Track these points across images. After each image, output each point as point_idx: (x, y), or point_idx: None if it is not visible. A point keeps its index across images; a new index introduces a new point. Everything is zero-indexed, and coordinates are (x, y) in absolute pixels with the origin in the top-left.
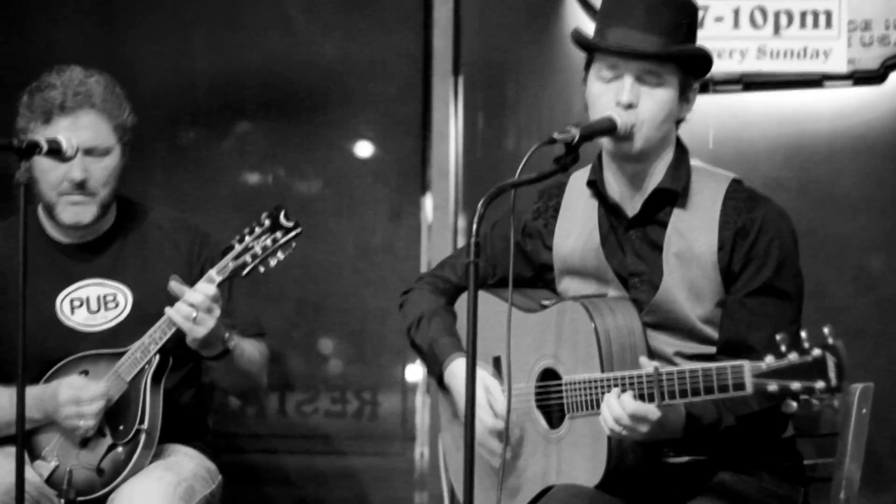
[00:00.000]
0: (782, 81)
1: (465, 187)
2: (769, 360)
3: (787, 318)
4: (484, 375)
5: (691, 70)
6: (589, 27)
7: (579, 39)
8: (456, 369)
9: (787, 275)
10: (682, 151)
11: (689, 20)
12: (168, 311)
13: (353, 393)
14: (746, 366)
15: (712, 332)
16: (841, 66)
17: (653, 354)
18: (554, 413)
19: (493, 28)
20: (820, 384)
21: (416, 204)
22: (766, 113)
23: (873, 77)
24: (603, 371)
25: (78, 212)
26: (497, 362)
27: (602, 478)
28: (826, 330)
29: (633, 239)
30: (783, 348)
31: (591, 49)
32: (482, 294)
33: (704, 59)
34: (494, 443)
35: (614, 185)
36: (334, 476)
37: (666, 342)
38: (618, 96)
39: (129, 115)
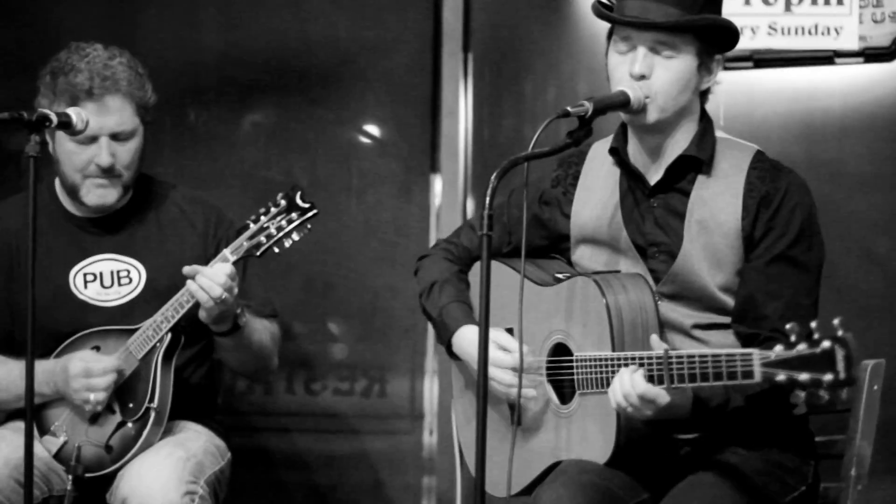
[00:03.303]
0: (793, 58)
1: (474, 166)
2: (778, 349)
3: (805, 289)
4: (498, 335)
5: (711, 40)
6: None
7: (598, 11)
8: (468, 334)
9: (806, 245)
10: (707, 122)
11: None
12: (190, 284)
13: (362, 371)
14: (756, 354)
15: (730, 301)
16: (852, 43)
17: (668, 328)
18: (565, 388)
19: (503, 5)
20: (828, 376)
21: (425, 182)
22: (777, 90)
23: (884, 54)
24: (614, 349)
25: (103, 194)
26: (510, 333)
27: (611, 455)
28: (836, 322)
29: (655, 207)
30: (793, 338)
31: (606, 20)
32: (495, 264)
33: (722, 29)
34: (511, 396)
35: (636, 154)
36: (343, 457)
37: (683, 314)
38: (630, 67)
39: (152, 94)
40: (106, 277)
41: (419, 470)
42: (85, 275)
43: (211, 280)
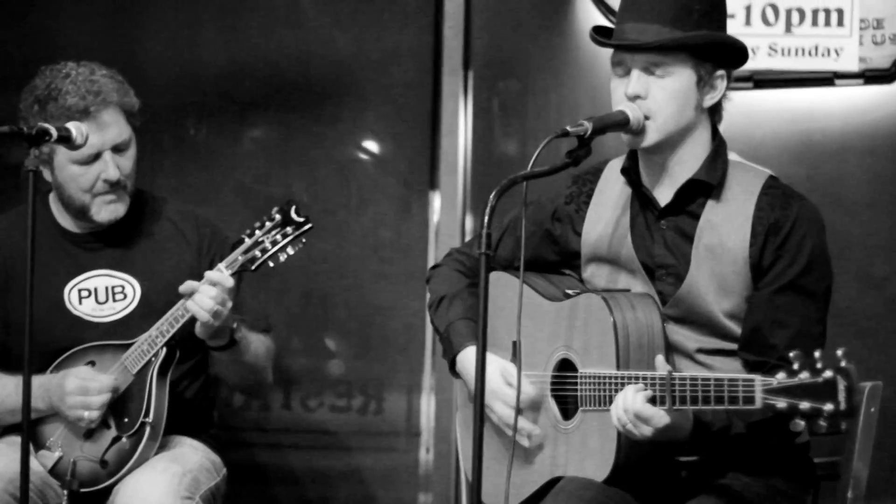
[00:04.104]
0: (793, 79)
1: (473, 183)
2: (781, 376)
3: (813, 319)
4: (503, 362)
5: (708, 55)
6: (600, 23)
7: (592, 38)
8: (470, 355)
9: (816, 274)
10: (720, 143)
11: (702, 5)
12: (188, 303)
13: (358, 388)
14: (758, 380)
15: (736, 328)
16: (852, 65)
17: (673, 351)
18: (569, 404)
19: (503, 23)
20: (829, 406)
21: (424, 199)
22: (777, 111)
23: (884, 76)
24: (619, 367)
25: (114, 209)
26: (517, 346)
27: (610, 472)
28: (839, 352)
29: (664, 229)
30: (796, 366)
31: (599, 45)
32: (504, 276)
33: (718, 44)
34: (509, 428)
35: (646, 174)
36: (338, 474)
37: (688, 337)
38: (626, 89)
39: (136, 100)
40: (101, 293)
41: (415, 487)
42: (80, 290)
43: (203, 295)
